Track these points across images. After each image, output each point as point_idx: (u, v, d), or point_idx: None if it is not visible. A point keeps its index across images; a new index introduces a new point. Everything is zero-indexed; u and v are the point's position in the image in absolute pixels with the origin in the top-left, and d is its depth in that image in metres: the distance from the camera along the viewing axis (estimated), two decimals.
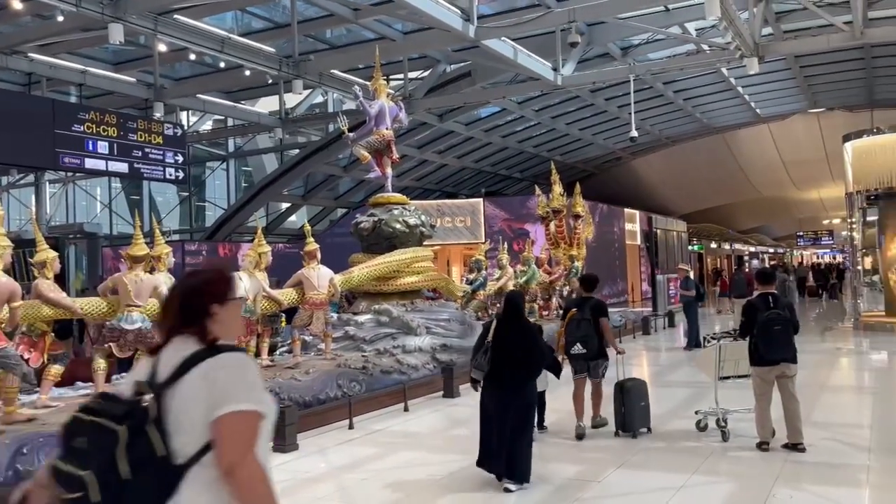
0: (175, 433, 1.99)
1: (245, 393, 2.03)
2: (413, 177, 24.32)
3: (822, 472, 5.97)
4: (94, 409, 2.01)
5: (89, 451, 1.93)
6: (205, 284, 2.21)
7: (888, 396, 9.35)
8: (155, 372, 2.09)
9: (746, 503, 5.24)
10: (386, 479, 6.17)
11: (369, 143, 11.31)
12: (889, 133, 16.42)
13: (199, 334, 2.12)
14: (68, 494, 1.91)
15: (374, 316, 10.52)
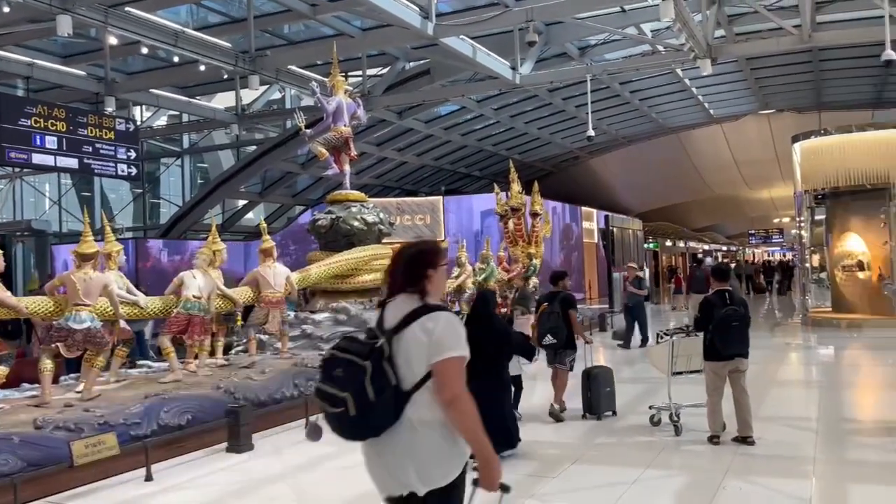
0: (401, 367, 2.73)
1: (456, 342, 2.76)
2: (372, 174, 24.21)
3: (771, 464, 6.13)
4: (345, 348, 2.76)
5: (345, 378, 2.69)
6: (423, 254, 2.93)
7: (834, 390, 9.63)
8: (382, 320, 2.85)
9: (697, 496, 5.34)
10: (343, 479, 6.12)
11: (327, 140, 11.21)
12: (836, 134, 16.92)
13: (420, 292, 2.85)
14: (332, 409, 2.75)
15: (331, 314, 10.45)
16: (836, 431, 7.16)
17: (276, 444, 7.34)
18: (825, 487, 5.44)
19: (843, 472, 5.91)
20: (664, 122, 26.02)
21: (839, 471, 5.96)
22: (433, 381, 2.73)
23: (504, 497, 2.80)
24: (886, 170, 15.78)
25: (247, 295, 9.24)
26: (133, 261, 18.58)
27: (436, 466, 2.77)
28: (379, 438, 2.78)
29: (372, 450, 2.87)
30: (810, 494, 5.22)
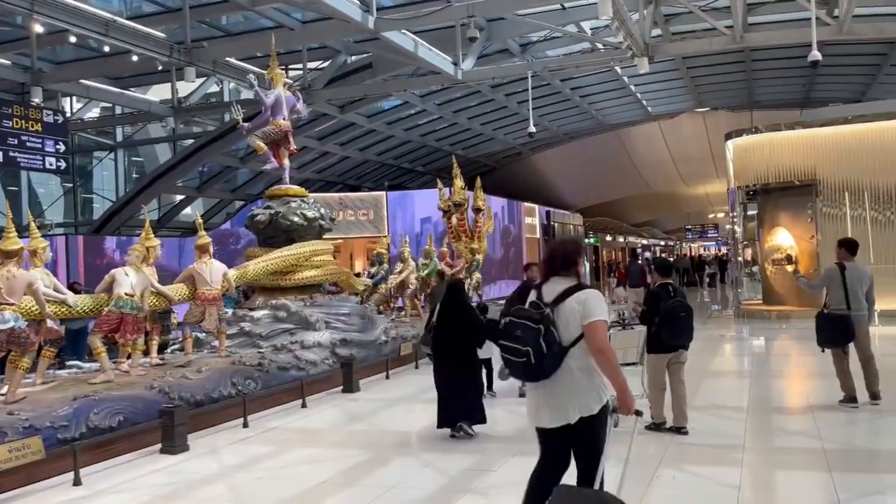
0: (561, 329, 3.80)
1: (601, 310, 3.83)
2: (314, 169, 23.92)
3: (703, 453, 6.30)
4: (520, 315, 3.82)
5: (525, 337, 3.73)
6: (576, 247, 4.12)
7: (763, 379, 9.96)
8: (540, 295, 3.95)
9: (633, 485, 5.44)
10: (280, 478, 6.05)
11: (265, 134, 11.02)
12: (766, 132, 17.48)
13: (574, 275, 3.99)
14: (516, 359, 3.76)
15: (270, 311, 10.28)
16: (765, 420, 7.41)
17: (212, 445, 7.19)
18: (754, 474, 5.62)
19: (771, 460, 6.12)
20: (604, 120, 26.46)
21: (767, 458, 6.17)
22: (585, 338, 3.79)
23: (638, 420, 4.07)
24: (813, 167, 16.40)
25: (182, 292, 9.01)
26: (74, 257, 17.97)
27: (587, 399, 3.84)
28: (548, 380, 3.80)
29: (541, 391, 3.88)
30: (739, 481, 5.39)
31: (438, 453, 6.56)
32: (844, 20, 12.81)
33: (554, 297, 3.88)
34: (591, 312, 3.80)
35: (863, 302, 7.60)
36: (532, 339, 3.72)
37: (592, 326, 3.77)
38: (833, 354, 7.78)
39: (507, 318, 3.88)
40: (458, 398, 7.04)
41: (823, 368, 8.95)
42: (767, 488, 5.40)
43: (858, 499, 4.99)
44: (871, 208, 15.77)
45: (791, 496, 5.11)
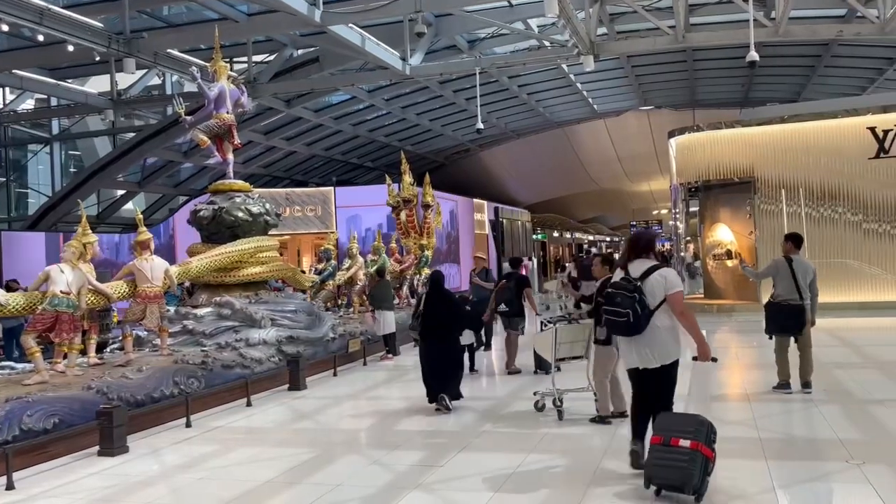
0: (648, 297, 5.09)
1: (679, 283, 5.21)
2: (260, 164, 23.56)
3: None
4: (618, 286, 5.17)
5: (624, 303, 5.05)
6: (651, 235, 6.13)
7: (704, 371, 10.19)
8: (628, 273, 5.22)
9: (577, 478, 5.52)
10: (223, 478, 5.94)
11: (208, 128, 10.79)
12: (708, 131, 17.93)
13: (654, 257, 5.36)
14: (618, 319, 5.10)
15: (214, 309, 10.08)
16: (704, 409, 7.58)
17: (153, 446, 7.02)
18: None
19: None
20: (551, 117, 26.75)
21: None
22: (668, 303, 5.15)
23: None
24: (751, 164, 16.89)
25: (122, 290, 8.76)
26: (9, 254, 17.29)
27: (667, 351, 5.19)
28: (640, 336, 5.14)
29: (633, 343, 5.23)
30: None
31: (385, 450, 6.54)
32: (781, 22, 13.22)
33: (641, 272, 5.22)
34: (673, 285, 5.19)
35: (807, 293, 7.90)
36: (629, 304, 5.08)
37: (675, 295, 5.17)
38: (777, 342, 8.06)
39: (608, 290, 5.31)
40: (441, 376, 7.98)
41: (761, 360, 9.24)
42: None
43: (793, 485, 5.16)
44: (806, 205, 16.33)
45: (728, 484, 5.25)
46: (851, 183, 16.19)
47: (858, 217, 16.18)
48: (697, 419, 4.99)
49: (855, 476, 5.24)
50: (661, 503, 4.87)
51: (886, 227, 16.04)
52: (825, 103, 18.25)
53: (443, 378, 7.93)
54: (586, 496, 5.06)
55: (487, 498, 5.09)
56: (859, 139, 16.17)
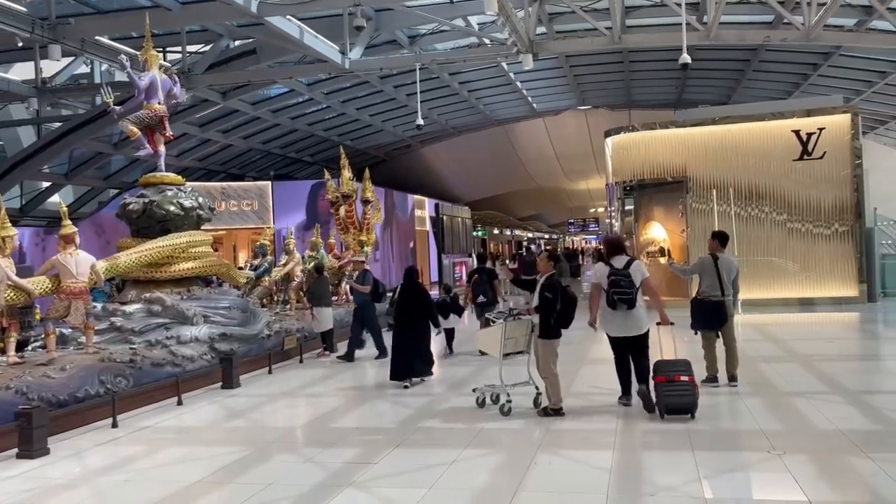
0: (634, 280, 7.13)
1: (647, 271, 7.36)
2: (195, 157, 22.97)
3: (578, 438, 6.54)
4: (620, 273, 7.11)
5: (627, 284, 7.06)
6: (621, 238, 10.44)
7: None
8: (613, 266, 7.19)
9: (511, 472, 5.57)
10: (150, 479, 5.77)
11: (139, 118, 10.46)
12: (643, 131, 18.32)
13: (627, 254, 7.45)
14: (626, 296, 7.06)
15: (144, 305, 9.79)
16: (637, 404, 7.75)
17: (76, 447, 6.77)
18: (622, 457, 5.88)
19: (641, 442, 6.43)
20: (491, 114, 26.91)
21: (637, 440, 6.47)
22: (643, 286, 7.11)
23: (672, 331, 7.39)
24: (684, 164, 17.35)
25: (44, 285, 8.42)
26: None
27: (645, 322, 7.10)
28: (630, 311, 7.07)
29: (625, 314, 7.09)
30: (611, 464, 5.62)
31: (319, 448, 6.47)
32: (712, 26, 13.61)
33: (624, 264, 7.15)
34: (645, 273, 7.26)
35: (731, 289, 8.17)
36: (629, 285, 7.04)
37: (647, 279, 7.26)
38: (704, 337, 8.31)
39: (613, 277, 7.07)
40: (411, 356, 9.09)
41: (691, 354, 9.49)
42: (636, 469, 5.66)
43: (717, 475, 5.32)
44: (736, 204, 16.87)
45: (657, 476, 5.38)
46: (777, 183, 16.80)
47: (783, 216, 16.81)
48: (685, 362, 7.05)
49: (776, 465, 5.43)
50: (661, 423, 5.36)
51: (809, 226, 16.71)
52: (754, 106, 18.86)
53: (411, 358, 9.09)
54: (520, 489, 5.10)
55: (421, 495, 5.08)
56: (785, 141, 16.79)
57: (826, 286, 16.53)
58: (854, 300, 16.23)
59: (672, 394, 6.76)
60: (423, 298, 9.50)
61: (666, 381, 6.80)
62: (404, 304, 9.36)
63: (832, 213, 16.61)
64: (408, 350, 9.10)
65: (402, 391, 8.93)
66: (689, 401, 6.75)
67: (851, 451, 5.66)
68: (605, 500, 4.83)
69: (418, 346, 9.21)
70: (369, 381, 10.29)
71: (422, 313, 9.36)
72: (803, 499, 4.69)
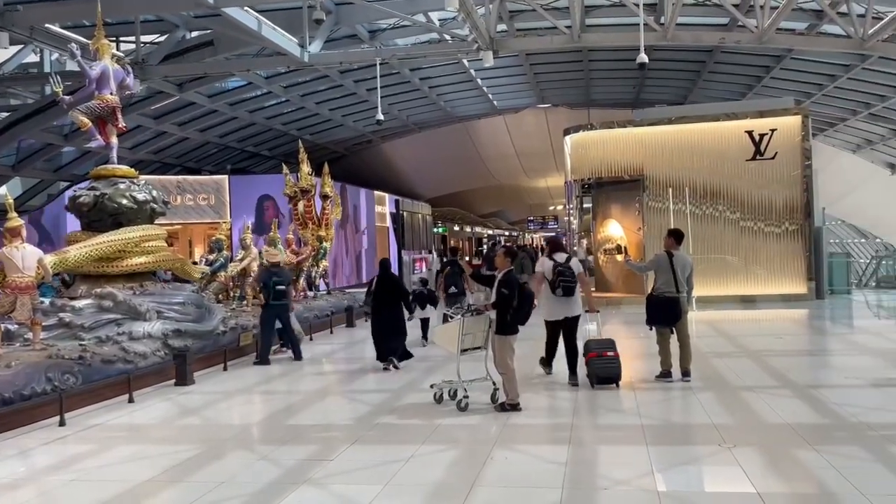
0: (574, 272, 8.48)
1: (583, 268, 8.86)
2: (150, 149, 22.49)
3: (534, 433, 6.58)
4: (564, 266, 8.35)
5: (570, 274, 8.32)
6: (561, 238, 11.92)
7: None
8: (556, 260, 8.38)
9: (467, 467, 5.58)
10: (99, 479, 5.63)
11: (90, 109, 10.19)
12: (601, 129, 18.53)
13: (566, 252, 8.76)
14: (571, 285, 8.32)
15: (95, 301, 9.54)
16: (593, 398, 7.85)
17: (22, 446, 6.58)
18: (576, 452, 5.93)
19: (596, 436, 6.50)
20: (452, 111, 26.90)
21: (592, 435, 6.54)
22: (578, 278, 8.36)
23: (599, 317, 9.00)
24: (641, 163, 17.60)
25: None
26: None
27: (579, 307, 8.50)
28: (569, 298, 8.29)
29: (566, 300, 8.31)
30: (566, 458, 5.66)
31: (274, 445, 6.39)
32: (669, 27, 13.81)
33: (564, 260, 8.39)
34: (580, 268, 8.53)
35: (685, 286, 8.31)
36: (572, 276, 8.26)
37: (581, 273, 8.53)
38: (658, 333, 8.44)
39: (559, 269, 8.26)
40: (389, 341, 9.82)
41: (647, 350, 9.64)
42: (591, 464, 5.72)
43: (669, 469, 5.40)
44: (691, 203, 17.18)
45: (611, 470, 5.44)
46: (731, 183, 17.15)
47: (737, 215, 17.17)
48: (611, 341, 8.35)
49: (726, 458, 5.54)
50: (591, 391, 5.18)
51: (761, 225, 17.10)
52: (709, 107, 19.20)
53: (391, 342, 9.84)
54: (476, 484, 5.10)
55: (377, 491, 5.05)
56: (738, 142, 17.15)
57: (776, 283, 16.95)
58: (803, 297, 16.67)
59: (601, 366, 8.11)
60: (397, 286, 10.24)
61: (596, 356, 8.19)
62: (381, 292, 10.02)
63: (783, 213, 17.03)
64: (388, 334, 9.85)
65: (361, 389, 8.89)
66: (615, 372, 8.12)
67: (799, 444, 5.80)
68: (560, 493, 4.86)
69: (397, 329, 9.91)
70: (326, 379, 10.21)
71: (397, 300, 10.04)
72: (752, 491, 4.79)
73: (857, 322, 14.42)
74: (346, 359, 12.08)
